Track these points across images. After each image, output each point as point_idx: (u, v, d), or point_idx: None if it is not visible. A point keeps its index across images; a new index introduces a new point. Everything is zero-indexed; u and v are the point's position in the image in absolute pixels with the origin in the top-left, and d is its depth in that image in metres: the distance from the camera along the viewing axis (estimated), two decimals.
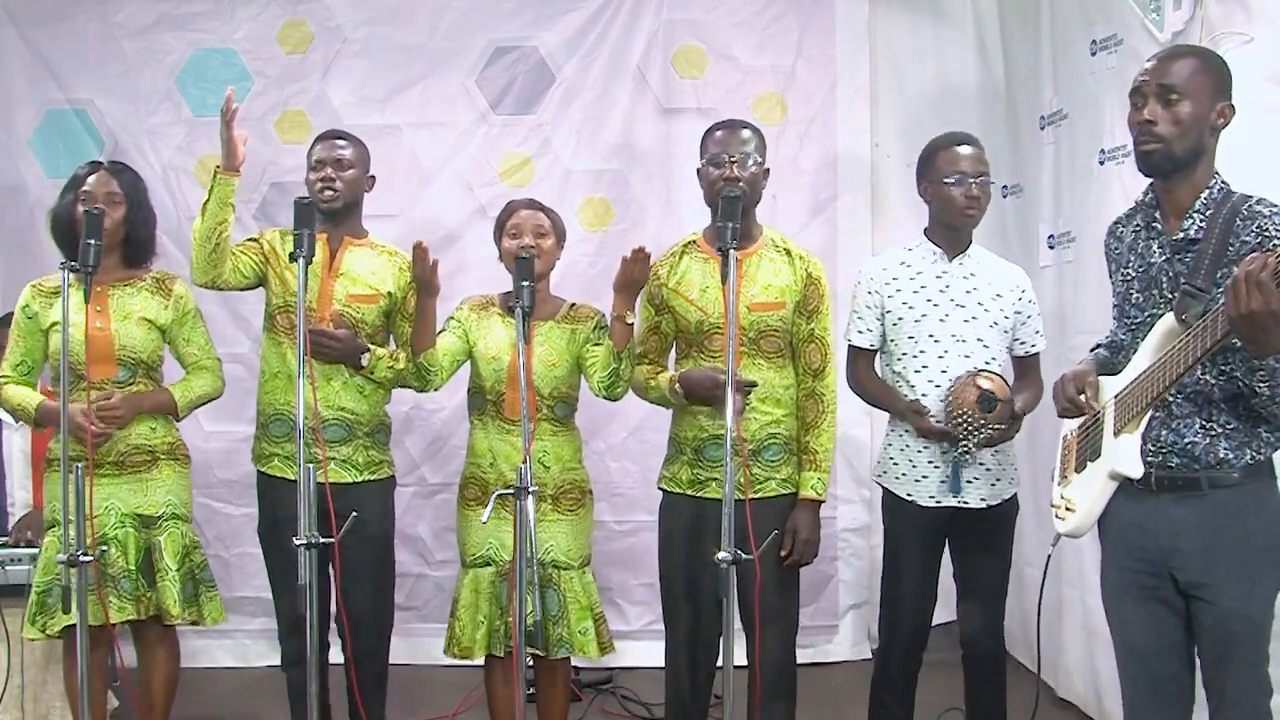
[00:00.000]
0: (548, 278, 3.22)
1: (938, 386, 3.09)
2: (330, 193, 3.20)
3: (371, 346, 3.22)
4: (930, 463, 3.10)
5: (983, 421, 2.99)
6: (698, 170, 3.10)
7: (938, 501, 3.10)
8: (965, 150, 3.12)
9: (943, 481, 3.09)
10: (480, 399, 3.20)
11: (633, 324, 3.04)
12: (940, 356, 3.10)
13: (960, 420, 3.00)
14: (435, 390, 3.29)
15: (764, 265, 3.07)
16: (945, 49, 4.88)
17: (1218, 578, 2.31)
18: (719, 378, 2.92)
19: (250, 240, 3.33)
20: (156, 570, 3.20)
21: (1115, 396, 2.44)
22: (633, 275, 2.99)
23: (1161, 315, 2.38)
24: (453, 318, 3.26)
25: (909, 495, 3.13)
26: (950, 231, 3.15)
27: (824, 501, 3.09)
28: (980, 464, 3.10)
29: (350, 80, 4.73)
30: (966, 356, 3.09)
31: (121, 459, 3.18)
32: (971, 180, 3.09)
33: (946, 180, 3.10)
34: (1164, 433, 2.38)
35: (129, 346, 3.20)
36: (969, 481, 3.09)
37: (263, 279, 3.29)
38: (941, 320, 3.12)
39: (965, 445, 3.03)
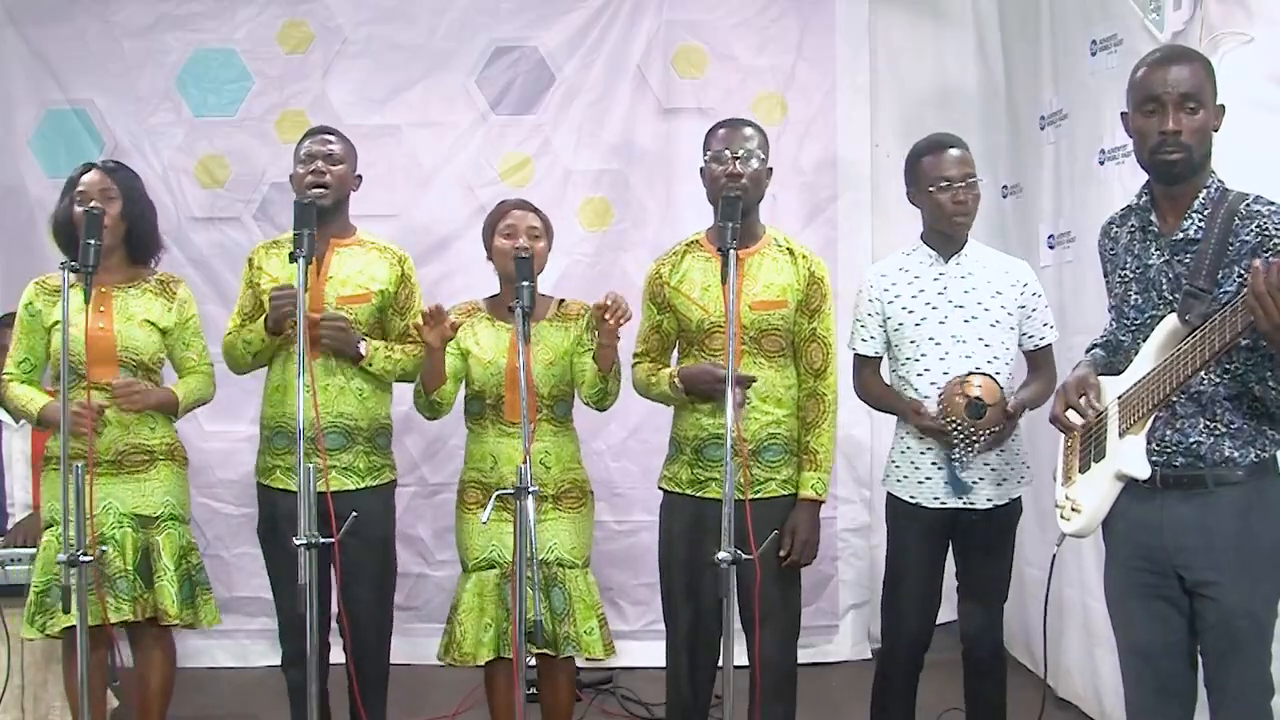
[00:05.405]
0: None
1: (940, 389, 3.08)
2: (321, 188, 3.18)
3: (367, 338, 3.22)
4: (934, 464, 3.10)
5: (974, 428, 2.99)
6: (701, 169, 3.10)
7: (942, 503, 3.10)
8: (948, 155, 3.08)
9: (946, 483, 3.09)
10: (479, 404, 3.19)
11: (616, 343, 3.04)
12: (941, 359, 3.10)
13: (953, 427, 3.01)
14: (444, 416, 3.28)
15: (766, 264, 3.07)
16: (945, 49, 4.88)
17: (1222, 575, 2.32)
18: (718, 371, 2.93)
19: (246, 286, 3.34)
20: (154, 571, 3.18)
21: (1119, 398, 2.45)
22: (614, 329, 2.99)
23: (1162, 316, 2.39)
24: None
25: (912, 498, 3.13)
26: (944, 235, 3.15)
27: (824, 502, 3.08)
28: (985, 464, 3.09)
29: (350, 80, 4.73)
30: (968, 357, 3.09)
31: (119, 458, 3.17)
32: (958, 185, 3.07)
33: (931, 189, 3.08)
34: (1169, 433, 2.38)
35: (131, 348, 3.20)
36: (975, 482, 3.09)
37: (261, 303, 3.29)
38: (941, 322, 3.11)
39: (962, 450, 3.03)
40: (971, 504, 3.09)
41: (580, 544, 3.20)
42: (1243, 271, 2.27)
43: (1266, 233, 2.28)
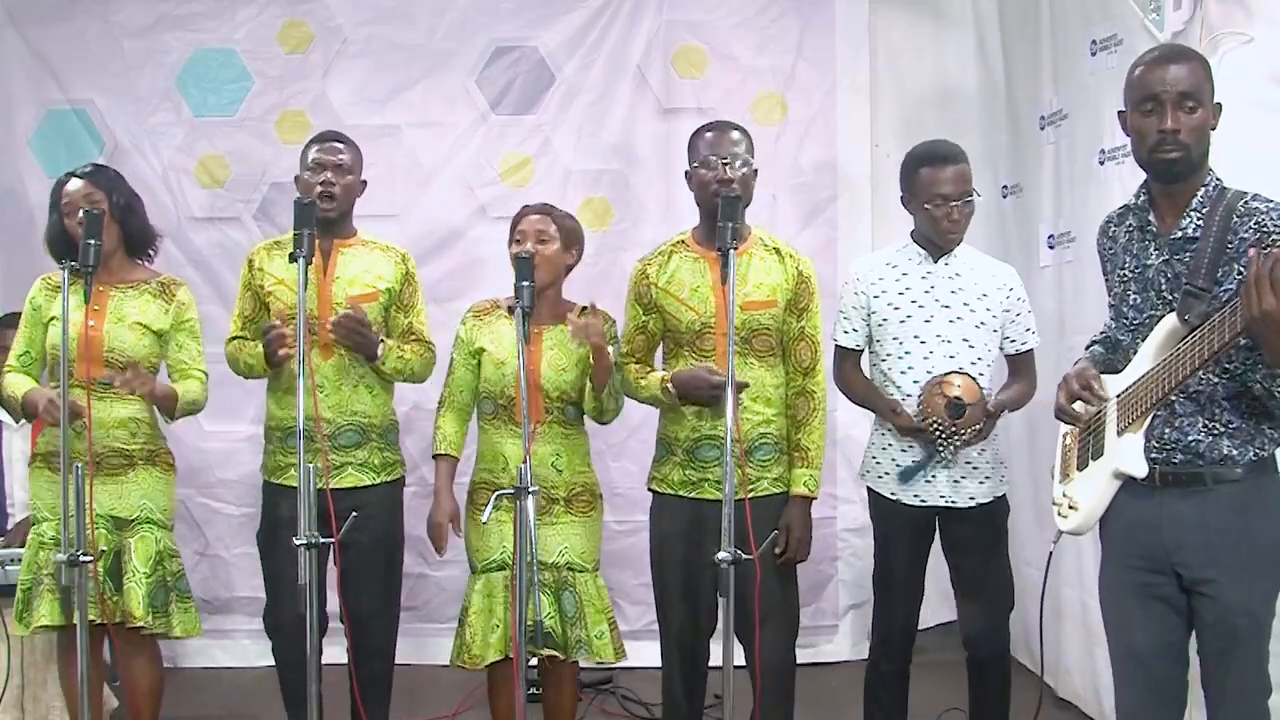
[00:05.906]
0: (559, 283, 3.20)
1: (921, 387, 3.08)
2: (329, 200, 3.18)
3: (385, 338, 3.23)
4: (914, 461, 3.10)
5: (954, 428, 2.99)
6: (686, 173, 3.09)
7: (922, 501, 3.11)
8: (946, 171, 3.06)
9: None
10: (490, 403, 3.18)
11: (609, 357, 3.01)
12: (925, 357, 3.10)
13: (933, 426, 3.01)
14: None
15: (755, 264, 3.07)
16: (945, 49, 4.89)
17: (1221, 573, 2.32)
18: (713, 378, 2.92)
19: (245, 289, 3.33)
20: (124, 573, 3.15)
21: (1118, 396, 2.45)
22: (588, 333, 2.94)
23: (1161, 316, 2.39)
24: (458, 336, 3.23)
25: (893, 495, 3.14)
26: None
27: (816, 498, 3.09)
28: (967, 463, 3.10)
29: (350, 80, 4.73)
30: (951, 357, 3.09)
31: (98, 459, 3.14)
32: (953, 203, 3.07)
33: (928, 204, 3.08)
34: (1167, 431, 2.38)
35: (117, 349, 3.19)
36: (956, 481, 3.09)
37: (264, 305, 3.28)
38: (926, 321, 3.12)
39: (943, 450, 3.03)
40: (954, 503, 3.09)
41: (591, 547, 3.19)
42: (1241, 269, 2.27)
43: (1265, 229, 2.28)
